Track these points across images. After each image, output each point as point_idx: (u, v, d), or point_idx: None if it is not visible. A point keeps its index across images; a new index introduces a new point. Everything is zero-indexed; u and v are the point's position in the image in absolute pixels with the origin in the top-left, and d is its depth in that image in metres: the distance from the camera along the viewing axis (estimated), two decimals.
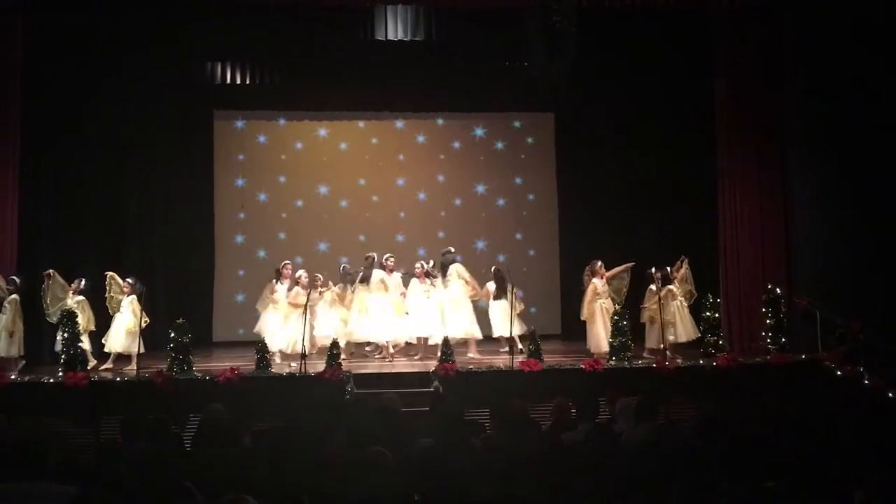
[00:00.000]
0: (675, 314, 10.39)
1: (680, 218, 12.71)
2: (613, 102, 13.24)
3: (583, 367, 9.21)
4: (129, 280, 10.23)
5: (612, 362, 9.46)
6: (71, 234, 11.64)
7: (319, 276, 10.95)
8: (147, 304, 10.23)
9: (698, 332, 10.32)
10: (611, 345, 9.68)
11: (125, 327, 9.96)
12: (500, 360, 9.89)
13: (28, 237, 10.68)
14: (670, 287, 10.47)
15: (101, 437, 7.73)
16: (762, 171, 11.35)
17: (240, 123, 14.27)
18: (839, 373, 9.17)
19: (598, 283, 10.35)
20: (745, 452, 4.40)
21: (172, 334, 9.20)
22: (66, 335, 9.14)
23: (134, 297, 10.11)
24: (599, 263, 10.52)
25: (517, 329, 10.24)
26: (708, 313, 10.11)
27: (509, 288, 10.54)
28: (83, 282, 10.02)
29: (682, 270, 10.60)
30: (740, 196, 11.36)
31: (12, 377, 9.06)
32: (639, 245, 12.82)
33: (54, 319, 9.80)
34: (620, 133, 13.28)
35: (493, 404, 6.08)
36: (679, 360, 9.64)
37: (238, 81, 12.74)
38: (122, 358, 10.11)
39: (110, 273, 10.28)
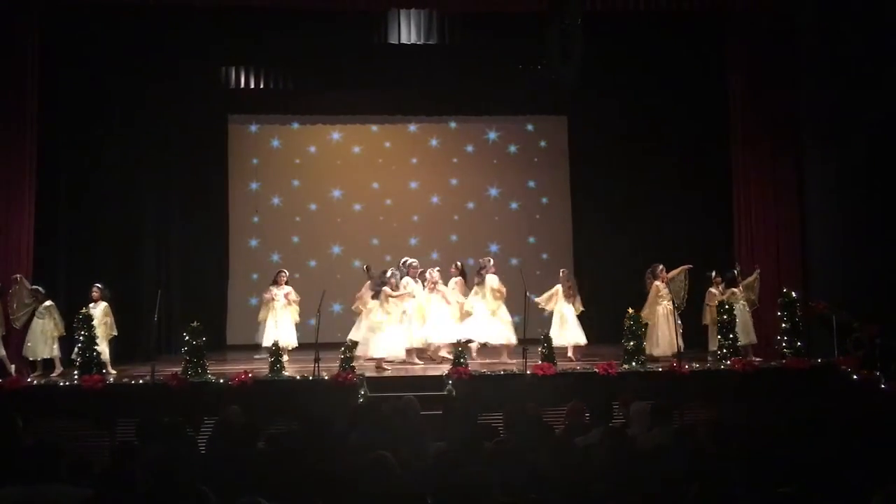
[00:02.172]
0: (735, 317, 10.44)
1: (694, 220, 12.66)
2: (626, 104, 13.21)
3: (596, 370, 9.20)
4: (97, 286, 10.11)
5: (626, 366, 9.44)
6: (86, 238, 11.71)
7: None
8: (162, 308, 10.26)
9: (754, 338, 10.43)
10: (624, 348, 9.66)
11: (103, 334, 9.84)
12: (514, 364, 9.88)
13: (44, 243, 10.74)
14: (733, 290, 10.56)
15: (117, 439, 7.77)
16: (777, 173, 11.28)
17: (254, 127, 14.33)
18: (855, 377, 9.10)
19: (659, 286, 10.49)
20: (760, 457, 4.38)
21: (187, 337, 9.25)
22: (81, 338, 9.20)
23: (104, 303, 10.05)
24: (661, 267, 10.66)
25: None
26: (725, 316, 10.06)
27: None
28: (40, 289, 9.93)
29: (751, 278, 10.66)
30: (755, 198, 11.30)
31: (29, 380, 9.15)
32: (653, 248, 12.77)
33: (18, 325, 9.77)
34: (634, 135, 13.24)
35: (507, 408, 6.07)
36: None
37: (252, 86, 12.78)
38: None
39: None
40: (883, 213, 9.93)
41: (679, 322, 10.34)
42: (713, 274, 10.73)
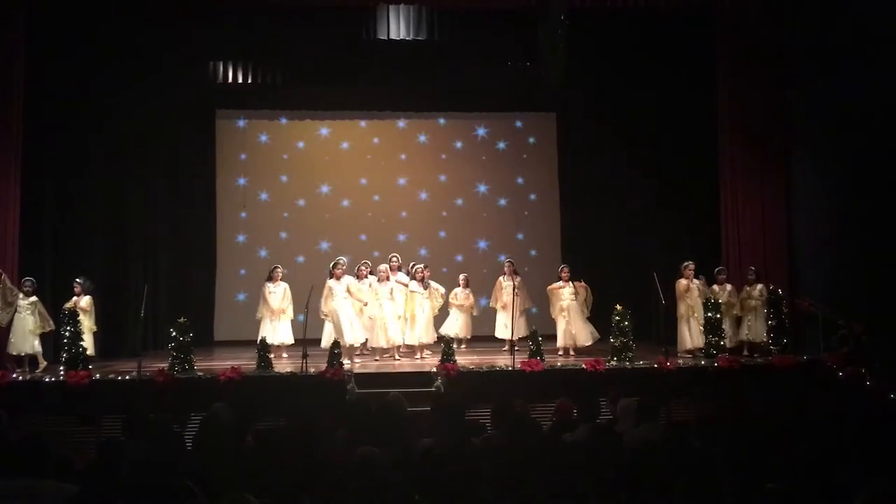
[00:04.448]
0: (751, 314, 10.62)
1: (682, 218, 12.69)
2: (615, 102, 13.24)
3: (584, 367, 9.22)
4: (77, 280, 10.04)
5: (614, 362, 9.47)
6: (73, 233, 11.63)
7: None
8: (149, 304, 10.20)
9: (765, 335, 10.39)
10: (612, 345, 9.69)
11: (87, 329, 9.76)
12: (502, 360, 9.89)
13: (30, 239, 10.66)
14: (749, 288, 10.70)
15: (103, 435, 7.72)
16: (765, 171, 11.35)
17: (242, 123, 14.28)
18: (841, 374, 9.16)
19: (686, 283, 10.56)
20: (746, 453, 4.40)
21: (174, 333, 9.21)
22: (67, 333, 9.14)
23: (87, 297, 9.98)
24: (688, 264, 10.67)
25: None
26: (709, 314, 10.10)
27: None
28: (26, 281, 9.82)
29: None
30: (742, 196, 11.36)
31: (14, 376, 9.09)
32: (641, 245, 12.82)
33: (3, 323, 9.63)
34: (622, 133, 13.27)
35: (495, 404, 6.08)
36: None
37: (240, 81, 12.72)
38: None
39: None
40: (868, 212, 9.98)
41: (702, 319, 10.41)
42: (716, 270, 10.78)
